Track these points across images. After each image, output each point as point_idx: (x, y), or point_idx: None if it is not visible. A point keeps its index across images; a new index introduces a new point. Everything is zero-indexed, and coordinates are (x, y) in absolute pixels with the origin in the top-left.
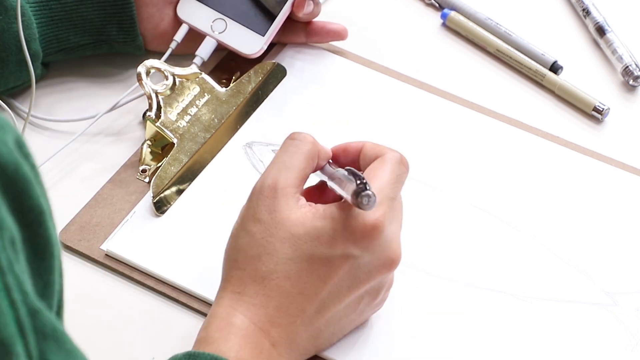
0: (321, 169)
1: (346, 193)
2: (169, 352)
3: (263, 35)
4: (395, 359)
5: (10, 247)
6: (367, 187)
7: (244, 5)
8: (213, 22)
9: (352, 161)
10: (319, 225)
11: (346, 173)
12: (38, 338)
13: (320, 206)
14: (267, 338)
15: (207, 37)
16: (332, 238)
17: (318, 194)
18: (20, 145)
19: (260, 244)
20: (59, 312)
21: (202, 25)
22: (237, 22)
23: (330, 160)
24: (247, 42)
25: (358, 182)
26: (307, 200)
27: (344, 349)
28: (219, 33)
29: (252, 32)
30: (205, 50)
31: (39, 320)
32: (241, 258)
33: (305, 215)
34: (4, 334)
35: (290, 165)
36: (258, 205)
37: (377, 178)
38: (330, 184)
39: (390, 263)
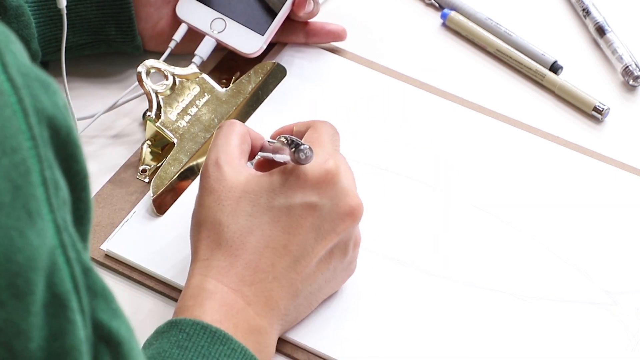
0: (261, 149)
1: (286, 156)
2: None
3: (262, 35)
4: (395, 359)
5: (64, 207)
6: (300, 143)
7: (243, 4)
8: (212, 21)
9: None
10: (273, 179)
11: (283, 140)
12: (89, 295)
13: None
14: (241, 298)
15: (206, 36)
16: (288, 188)
17: (267, 169)
18: (68, 110)
19: (218, 209)
20: None
21: (201, 24)
22: (236, 21)
23: (268, 140)
24: (247, 41)
25: (290, 141)
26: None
27: (343, 348)
28: (218, 32)
29: (251, 31)
30: (204, 49)
31: (91, 278)
32: (203, 229)
33: (256, 174)
34: (61, 288)
35: (225, 142)
36: (207, 181)
37: (316, 139)
38: (273, 156)
39: (351, 211)
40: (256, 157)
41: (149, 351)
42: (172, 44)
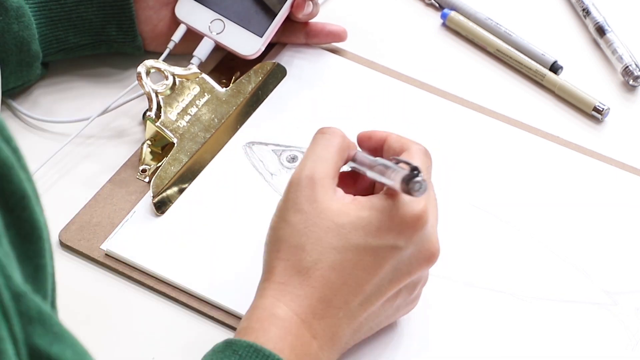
0: (352, 159)
1: (392, 181)
2: (169, 352)
3: (261, 37)
4: (395, 359)
5: None
6: (418, 173)
7: (242, 6)
8: (211, 22)
9: (375, 150)
10: (364, 215)
11: (389, 162)
12: (23, 321)
13: (361, 197)
14: (308, 330)
15: (205, 37)
16: (377, 228)
17: (351, 181)
18: (1, 130)
19: (304, 233)
20: (53, 295)
21: (200, 25)
22: (235, 22)
23: (360, 149)
24: (245, 43)
25: (409, 168)
26: (339, 187)
27: None
28: (217, 34)
29: (250, 33)
30: (202, 50)
31: (24, 303)
32: (284, 248)
33: (348, 206)
34: None
35: (324, 157)
36: (297, 196)
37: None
38: (371, 173)
39: (430, 256)
40: (345, 167)
41: None
42: (170, 45)
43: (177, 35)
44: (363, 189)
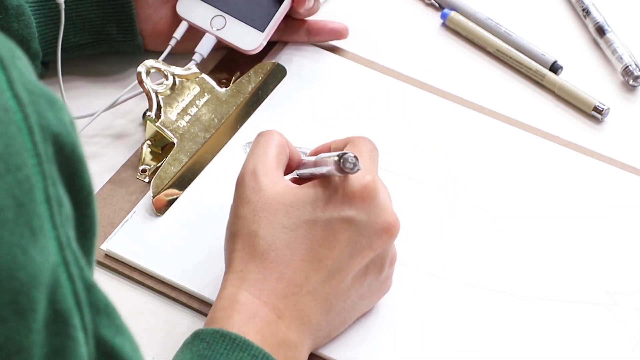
0: (297, 166)
1: (329, 167)
2: (169, 352)
3: (262, 32)
4: (395, 359)
5: (68, 223)
6: (347, 153)
7: (243, 1)
8: (212, 18)
9: None
10: (310, 192)
11: (324, 154)
12: (92, 312)
13: (307, 182)
14: (272, 311)
15: (207, 34)
16: (324, 202)
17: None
18: (74, 126)
19: (254, 221)
20: None
21: (201, 22)
22: (236, 18)
23: (305, 158)
24: (247, 38)
25: (338, 153)
26: None
27: (343, 348)
28: (218, 30)
29: (251, 28)
30: (204, 47)
31: (93, 295)
32: (238, 240)
33: (293, 187)
34: (63, 305)
35: (263, 152)
36: (243, 191)
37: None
38: (314, 171)
39: (388, 227)
40: (292, 175)
41: None
42: (172, 42)
43: (179, 33)
44: None
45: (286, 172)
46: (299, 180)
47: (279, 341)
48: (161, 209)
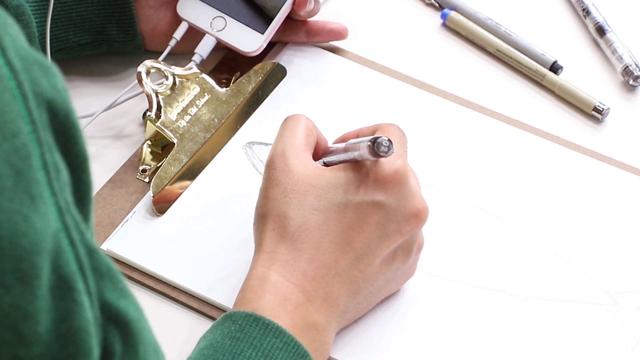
0: (325, 155)
1: (360, 150)
2: (169, 352)
3: (262, 34)
4: (395, 359)
5: (66, 189)
6: (381, 137)
7: (243, 3)
8: (212, 20)
9: None
10: (341, 175)
11: (355, 140)
12: (96, 276)
13: (337, 164)
14: (302, 293)
15: (207, 35)
16: (355, 185)
17: None
18: (67, 93)
19: (284, 202)
20: None
21: (201, 23)
22: (236, 20)
23: (331, 145)
24: (247, 40)
25: (370, 137)
26: None
27: (343, 348)
28: (219, 31)
29: (251, 30)
30: (204, 48)
31: (96, 259)
32: (268, 221)
33: (323, 169)
34: (67, 270)
35: (291, 134)
36: (273, 172)
37: None
38: (344, 156)
39: (417, 213)
40: (319, 162)
41: (202, 342)
42: (172, 42)
43: (179, 33)
44: None
45: (314, 158)
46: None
47: (308, 324)
48: (161, 209)
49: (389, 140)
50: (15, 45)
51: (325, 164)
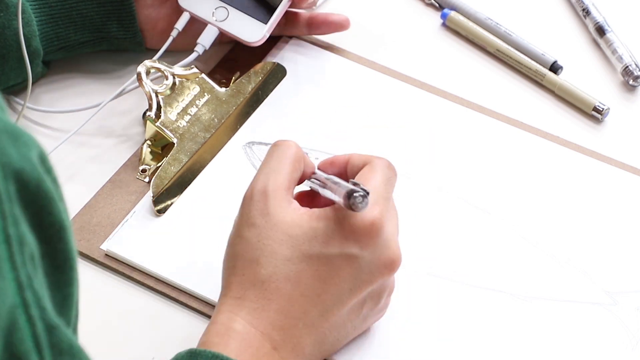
0: (310, 178)
1: (338, 197)
2: (169, 352)
3: (265, 23)
4: (395, 359)
5: (30, 262)
6: (359, 187)
7: None
8: (215, 10)
9: (339, 173)
10: (316, 226)
11: (337, 179)
12: (54, 353)
13: (316, 209)
14: (268, 342)
15: (209, 25)
16: (330, 237)
17: (309, 200)
18: (43, 160)
19: (257, 247)
20: (75, 322)
21: (203, 13)
22: (239, 10)
23: (318, 170)
24: (249, 30)
25: (350, 183)
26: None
27: (342, 348)
28: (221, 21)
29: (254, 20)
30: (207, 38)
31: (56, 336)
32: (239, 264)
33: (301, 217)
34: (21, 348)
35: (277, 168)
36: (250, 210)
37: (369, 181)
38: (323, 191)
39: (390, 263)
40: (303, 185)
41: None
42: (174, 33)
43: (181, 24)
44: (324, 205)
45: (298, 182)
46: (308, 193)
47: None
48: (161, 209)
49: (363, 195)
50: None
51: (310, 188)
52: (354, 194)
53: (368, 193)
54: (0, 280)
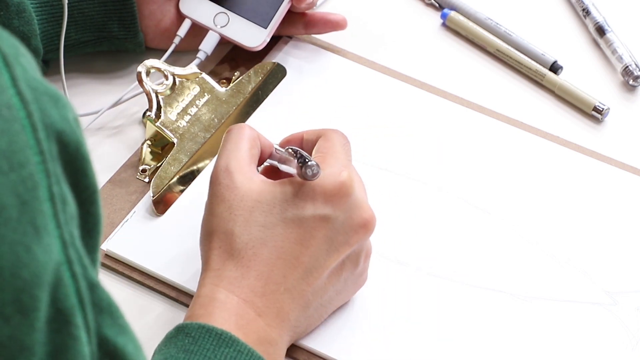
0: (269, 156)
1: (293, 169)
2: None
3: (265, 28)
4: (395, 359)
5: (72, 222)
6: (308, 159)
7: None
8: (215, 16)
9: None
10: (286, 190)
11: (290, 152)
12: (95, 311)
13: (282, 178)
14: (252, 308)
15: (210, 31)
16: (301, 200)
17: (273, 177)
18: (78, 124)
19: (230, 219)
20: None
21: (204, 19)
22: (239, 15)
23: (276, 147)
24: (250, 35)
25: (299, 156)
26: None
27: (341, 348)
28: (222, 27)
29: (254, 25)
30: (208, 44)
31: (97, 294)
32: (215, 238)
33: (269, 184)
34: (66, 304)
35: (235, 148)
36: (218, 189)
37: (328, 149)
38: (280, 166)
39: (364, 223)
40: (264, 164)
41: (158, 356)
42: (176, 40)
43: (183, 30)
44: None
45: (259, 163)
46: (271, 171)
47: (260, 338)
48: (161, 209)
49: (317, 165)
50: (27, 75)
51: (269, 166)
52: (307, 163)
53: (313, 162)
54: (46, 236)
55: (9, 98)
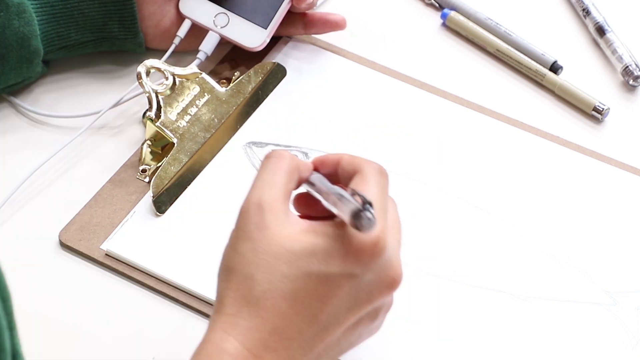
0: (307, 182)
1: (342, 212)
2: (169, 352)
3: (265, 28)
4: (394, 359)
5: None
6: (367, 208)
7: None
8: (215, 16)
9: (330, 173)
10: (315, 241)
11: (340, 190)
12: None
13: (315, 223)
14: None
15: (210, 32)
16: (330, 255)
17: (308, 202)
18: None
19: (253, 261)
20: None
21: (204, 20)
22: (239, 15)
23: (316, 171)
24: (250, 35)
25: (349, 192)
26: (296, 209)
27: None
28: (222, 27)
29: (254, 25)
30: (208, 45)
31: None
32: (233, 279)
33: (300, 231)
34: None
35: (271, 181)
36: (246, 224)
37: (364, 193)
38: (325, 203)
39: (391, 283)
40: (299, 190)
41: None
42: (176, 40)
43: (183, 31)
44: (322, 209)
45: (295, 187)
46: (307, 198)
47: None
48: (161, 209)
49: (370, 217)
50: None
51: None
52: (361, 214)
53: (372, 205)
54: None
55: None
